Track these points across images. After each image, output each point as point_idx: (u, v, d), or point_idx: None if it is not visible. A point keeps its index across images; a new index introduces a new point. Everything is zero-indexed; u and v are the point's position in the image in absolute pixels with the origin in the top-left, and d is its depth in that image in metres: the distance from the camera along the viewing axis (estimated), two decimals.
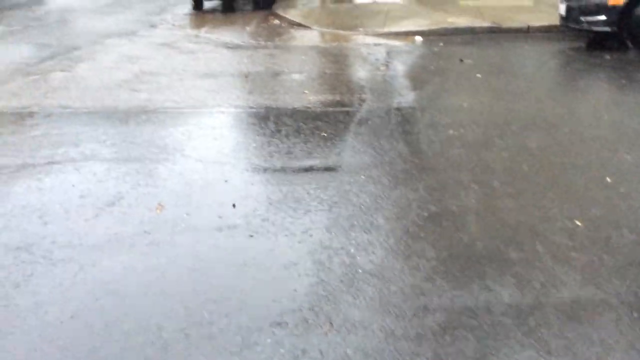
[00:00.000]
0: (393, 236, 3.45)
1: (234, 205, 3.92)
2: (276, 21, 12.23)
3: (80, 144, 5.11)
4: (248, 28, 11.62)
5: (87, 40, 10.10)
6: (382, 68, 7.58)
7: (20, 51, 9.24)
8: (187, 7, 14.42)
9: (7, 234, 3.61)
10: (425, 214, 3.68)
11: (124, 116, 5.89)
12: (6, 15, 13.45)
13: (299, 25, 11.49)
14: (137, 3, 15.76)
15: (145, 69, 7.78)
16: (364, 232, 3.50)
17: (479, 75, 6.98)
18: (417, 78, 7.18)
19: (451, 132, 5.08)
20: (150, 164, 4.66)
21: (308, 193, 4.06)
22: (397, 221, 3.64)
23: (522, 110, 5.67)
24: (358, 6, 12.61)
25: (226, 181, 4.34)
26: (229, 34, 11.04)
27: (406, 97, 6.18)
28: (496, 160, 4.50)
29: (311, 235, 3.47)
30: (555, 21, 9.19)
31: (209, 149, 5.00)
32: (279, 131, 5.32)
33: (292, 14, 12.22)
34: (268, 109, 5.97)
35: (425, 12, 11.29)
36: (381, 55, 8.35)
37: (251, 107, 6.07)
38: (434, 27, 9.94)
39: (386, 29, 10.27)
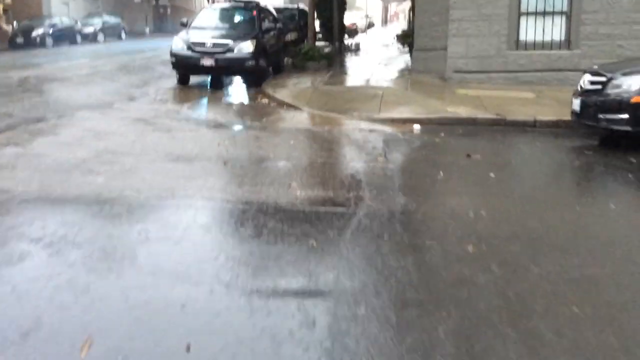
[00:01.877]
0: None
1: (188, 349, 2.87)
2: (265, 100, 11.52)
3: (5, 243, 4.06)
4: (234, 106, 10.87)
5: (55, 111, 9.23)
6: (380, 159, 6.71)
7: None
8: (173, 81, 13.79)
9: None
10: None
11: (71, 207, 4.88)
12: None
13: (289, 105, 10.77)
14: (121, 75, 15.15)
15: (110, 147, 6.85)
16: None
17: (492, 174, 6.10)
18: (422, 174, 6.30)
19: (470, 248, 4.11)
20: (87, 276, 3.62)
21: (290, 332, 3.03)
22: None
23: (549, 220, 4.75)
24: (351, 89, 11.97)
25: (183, 306, 3.29)
26: (212, 112, 10.28)
27: (411, 198, 5.25)
28: (533, 292, 3.52)
29: None
30: (563, 115, 8.51)
31: (167, 257, 3.96)
32: (257, 236, 4.33)
33: (282, 94, 11.54)
34: (247, 204, 4.99)
35: (422, 99, 10.64)
36: (378, 144, 7.53)
37: (227, 201, 5.10)
38: (432, 115, 9.22)
39: (382, 115, 9.54)
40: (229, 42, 13.09)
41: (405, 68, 15.68)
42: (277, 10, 20.41)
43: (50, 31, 30.53)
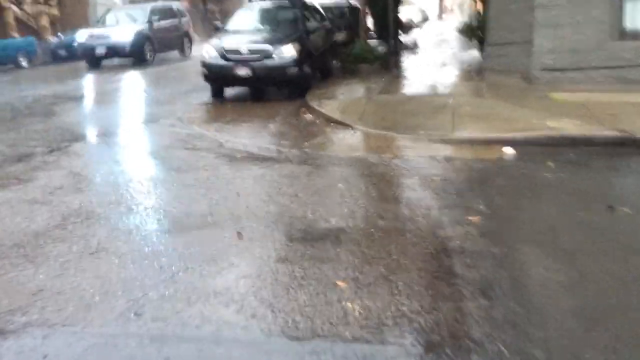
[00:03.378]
0: None
1: None
2: (309, 116, 9.49)
3: None
4: (271, 125, 8.88)
5: (49, 143, 7.51)
6: (475, 220, 4.48)
7: None
8: (207, 94, 11.95)
9: None
10: None
11: None
12: None
13: (338, 123, 8.69)
14: (152, 88, 13.44)
15: (87, 206, 4.96)
16: None
17: None
18: (549, 252, 3.94)
19: None
20: None
21: None
22: None
23: None
24: (413, 98, 9.74)
25: None
26: (244, 134, 8.32)
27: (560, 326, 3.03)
28: None
29: None
30: None
31: None
32: None
33: (329, 108, 9.46)
34: (261, 345, 2.93)
35: (507, 109, 8.32)
36: (463, 186, 5.35)
37: (231, 328, 3.05)
38: (529, 133, 6.93)
39: (458, 134, 7.33)
40: (268, 47, 11.14)
41: (475, 67, 13.30)
42: (325, 7, 18.34)
43: None
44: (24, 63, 25.07)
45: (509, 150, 6.63)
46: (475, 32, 14.94)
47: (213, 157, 6.73)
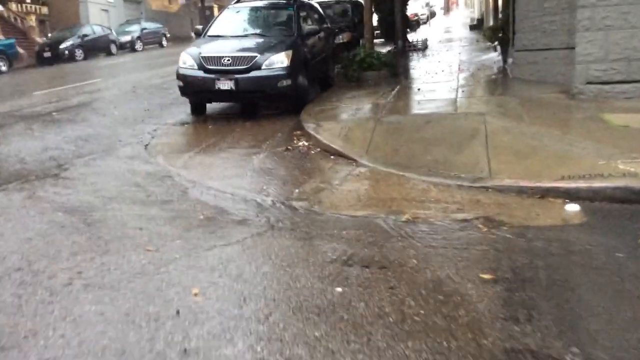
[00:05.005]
0: None
1: None
2: (303, 143, 7.68)
3: None
4: (256, 158, 7.05)
5: None
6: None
7: None
8: (186, 110, 10.18)
9: None
10: None
11: None
12: None
13: (339, 155, 6.89)
14: (123, 102, 11.65)
15: None
16: None
17: None
18: None
19: None
20: None
21: None
22: None
23: None
24: (431, 121, 7.84)
25: None
26: (218, 172, 6.52)
27: None
28: None
29: None
30: None
31: None
32: None
33: (329, 132, 7.64)
34: None
35: (559, 141, 6.47)
36: (529, 287, 3.49)
37: None
38: (599, 184, 5.06)
39: (497, 178, 5.49)
40: (255, 54, 9.33)
41: (499, 76, 11.41)
42: (325, 4, 16.50)
43: (80, 42, 27.66)
44: (3, 67, 23.31)
45: (573, 208, 4.81)
46: (496, 32, 13.05)
47: (166, 218, 4.89)
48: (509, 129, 7.02)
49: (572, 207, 4.82)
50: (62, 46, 26.90)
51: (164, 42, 35.37)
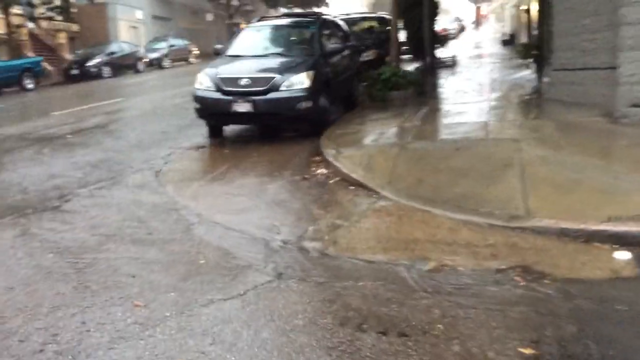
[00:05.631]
0: None
1: None
2: (322, 171, 7.18)
3: None
4: (271, 187, 6.57)
5: None
6: None
7: None
8: (203, 132, 9.78)
9: None
10: None
11: None
12: None
13: (360, 186, 6.36)
14: (139, 124, 11.33)
15: None
16: None
17: None
18: None
19: None
20: None
21: None
22: None
23: None
24: (461, 148, 7.21)
25: None
26: (230, 204, 6.03)
27: None
28: None
29: None
30: None
31: None
32: None
33: (349, 161, 7.11)
34: None
35: (603, 172, 5.83)
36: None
37: None
38: None
39: (536, 218, 4.90)
40: (274, 75, 8.88)
41: (533, 96, 10.75)
42: (351, 21, 16.05)
43: (108, 60, 27.74)
44: (30, 85, 23.41)
45: (623, 257, 4.19)
46: (530, 49, 12.40)
47: (163, 263, 4.41)
48: (546, 158, 6.39)
49: (623, 255, 4.20)
50: (89, 63, 26.99)
51: (192, 59, 35.40)
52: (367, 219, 5.40)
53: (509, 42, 24.31)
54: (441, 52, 21.67)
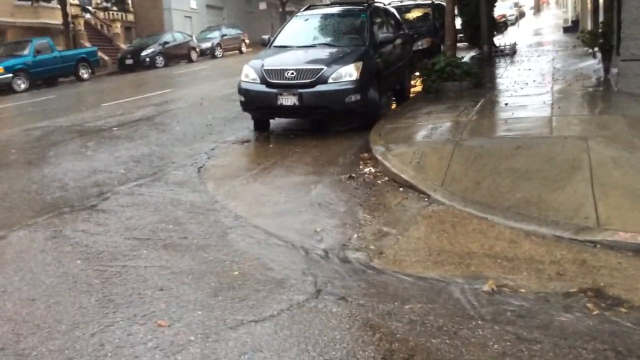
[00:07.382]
0: None
1: None
2: (370, 169, 6.76)
3: None
4: (315, 188, 6.19)
5: None
6: None
7: None
8: (249, 125, 9.50)
9: None
10: None
11: None
12: None
13: (409, 187, 5.91)
14: (186, 116, 11.16)
15: None
16: None
17: None
18: None
19: None
20: None
21: None
22: None
23: None
24: (522, 146, 6.60)
25: None
26: (270, 206, 5.70)
27: None
28: None
29: None
30: None
31: None
32: None
33: (398, 159, 6.65)
34: None
35: None
36: None
37: None
38: None
39: (607, 232, 4.35)
40: (321, 67, 8.48)
41: (600, 88, 9.95)
42: (404, 9, 15.45)
43: (161, 50, 27.93)
44: (86, 75, 23.82)
45: None
46: (596, 37, 11.53)
47: (194, 274, 4.10)
48: (618, 159, 5.76)
49: None
50: (143, 53, 27.26)
51: (244, 48, 35.33)
52: (417, 226, 4.95)
53: (571, 28, 23.07)
54: (499, 40, 20.75)
